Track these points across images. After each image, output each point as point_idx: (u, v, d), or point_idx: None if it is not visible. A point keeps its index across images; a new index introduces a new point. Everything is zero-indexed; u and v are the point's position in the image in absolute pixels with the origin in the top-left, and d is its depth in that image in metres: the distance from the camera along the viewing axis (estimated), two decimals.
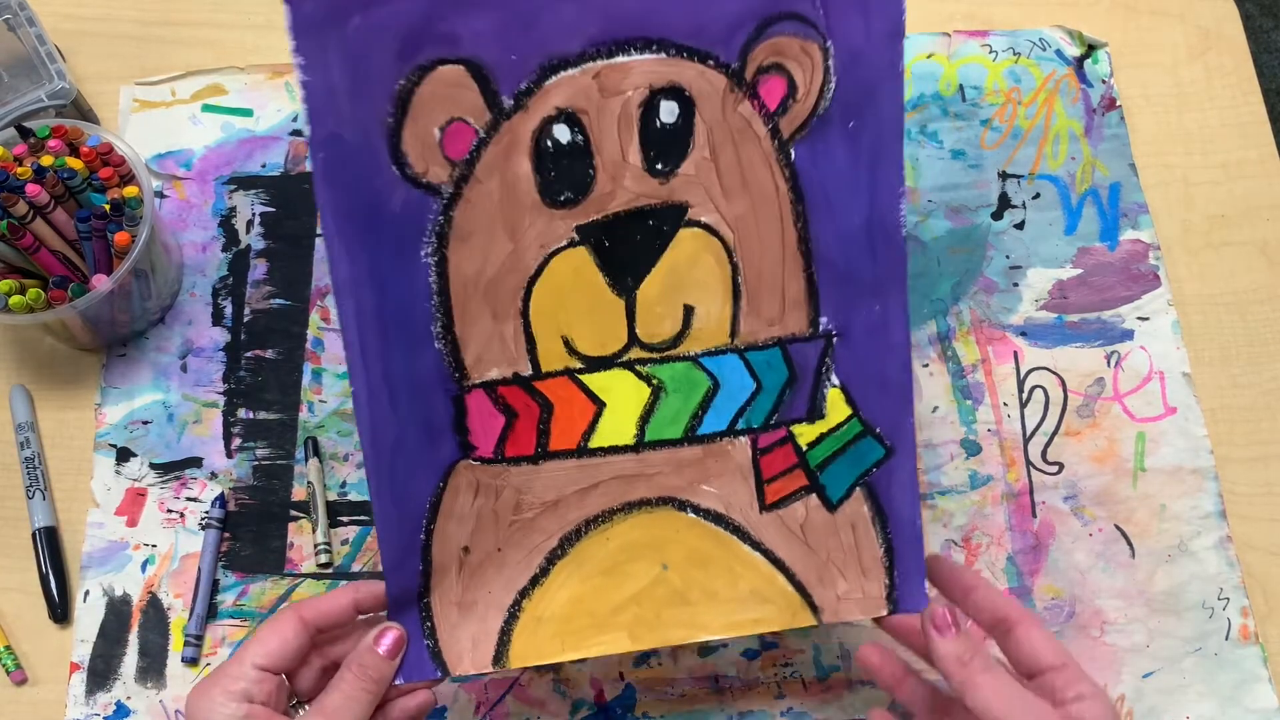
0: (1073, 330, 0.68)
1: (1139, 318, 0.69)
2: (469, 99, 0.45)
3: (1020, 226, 0.71)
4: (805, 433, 0.52)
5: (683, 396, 0.51)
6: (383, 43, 0.43)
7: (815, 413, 0.51)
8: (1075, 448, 0.66)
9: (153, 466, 0.65)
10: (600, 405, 0.50)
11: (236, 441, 0.66)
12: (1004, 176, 0.72)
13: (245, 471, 0.65)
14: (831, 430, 0.51)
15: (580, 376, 0.50)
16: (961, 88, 0.74)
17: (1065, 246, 0.70)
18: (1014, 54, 0.75)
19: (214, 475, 0.65)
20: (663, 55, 0.46)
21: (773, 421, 0.51)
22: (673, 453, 0.51)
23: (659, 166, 0.47)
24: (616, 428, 0.50)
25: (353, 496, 0.65)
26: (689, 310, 0.50)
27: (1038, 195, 0.72)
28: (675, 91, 0.46)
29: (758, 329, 0.50)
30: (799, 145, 0.48)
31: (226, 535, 0.64)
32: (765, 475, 0.52)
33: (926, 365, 0.68)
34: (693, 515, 0.51)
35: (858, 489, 0.52)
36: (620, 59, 0.45)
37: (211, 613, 0.62)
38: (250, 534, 0.64)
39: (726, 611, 0.51)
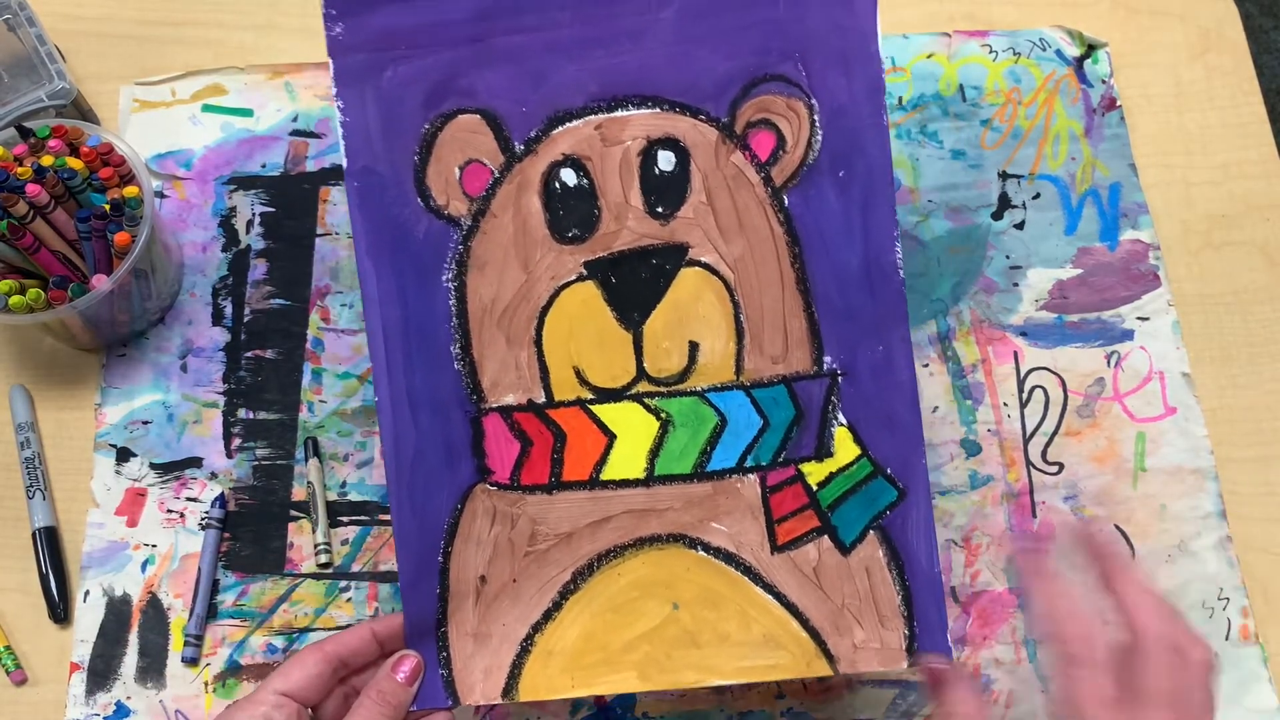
0: (1073, 330, 0.68)
1: (1139, 318, 0.69)
2: (485, 143, 0.51)
3: (1020, 226, 0.71)
4: (815, 472, 0.52)
5: (691, 431, 0.52)
6: (411, 93, 0.50)
7: (823, 451, 0.52)
8: (1075, 448, 0.66)
9: (153, 466, 0.65)
10: (611, 437, 0.52)
11: (236, 441, 0.66)
12: (1004, 176, 0.72)
13: (245, 471, 0.65)
14: (841, 470, 0.52)
15: (591, 407, 0.52)
16: (962, 88, 0.74)
17: (1065, 246, 0.70)
18: (1014, 54, 0.75)
19: (214, 475, 0.65)
20: (658, 110, 0.51)
21: (781, 459, 0.52)
22: (683, 488, 0.52)
23: (659, 209, 0.51)
24: (627, 460, 0.52)
25: (352, 497, 0.65)
26: (694, 346, 0.52)
27: (1038, 195, 0.72)
28: (671, 142, 0.51)
29: (762, 366, 0.52)
30: (791, 192, 0.52)
31: (226, 535, 0.64)
32: (776, 514, 0.52)
33: (927, 365, 0.68)
34: (703, 553, 0.52)
35: (871, 532, 0.52)
36: (619, 113, 0.51)
37: (211, 613, 0.62)
38: (250, 534, 0.64)
39: (738, 656, 0.51)
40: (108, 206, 0.62)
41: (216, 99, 0.73)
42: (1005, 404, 0.67)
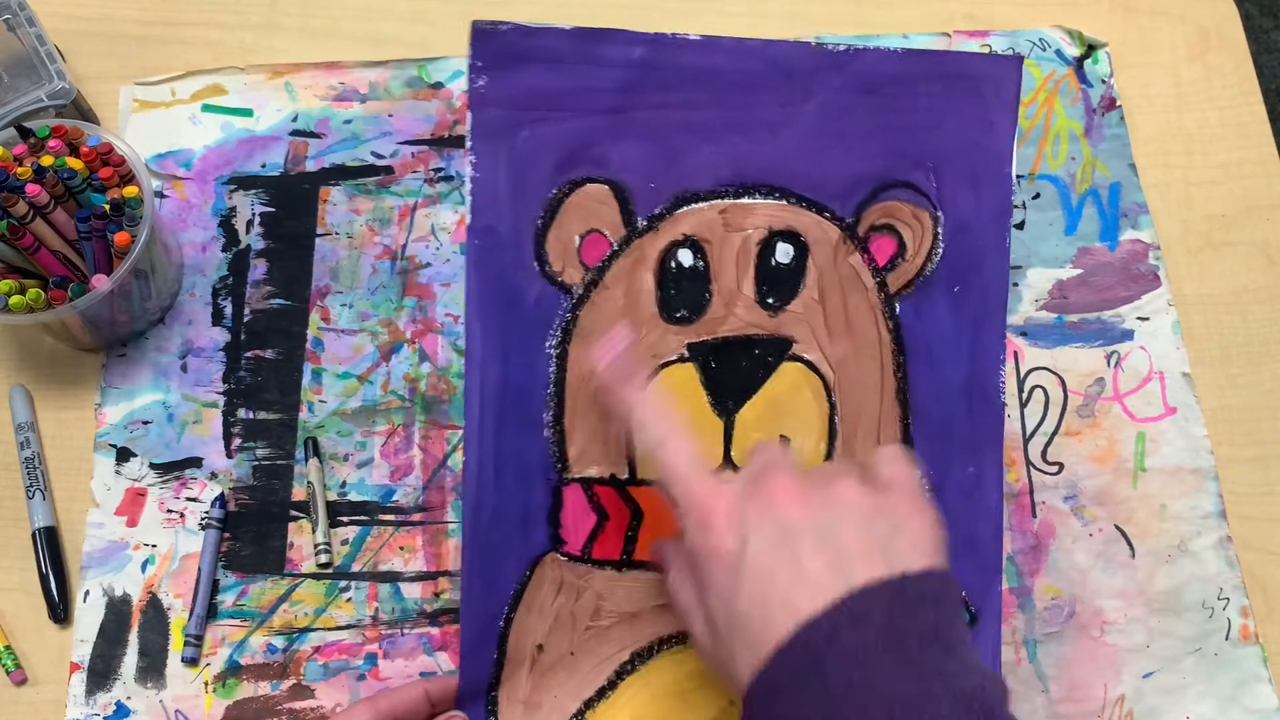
0: (1073, 330, 0.68)
1: (1139, 318, 0.69)
2: (608, 215, 0.51)
3: (1020, 226, 0.71)
4: None
5: None
6: (545, 156, 0.51)
7: None
8: (1075, 448, 0.66)
9: (153, 466, 0.65)
10: None
11: (236, 441, 0.66)
12: None
13: (245, 471, 0.65)
14: None
15: None
16: None
17: (1065, 246, 0.70)
18: (1014, 54, 0.75)
19: (214, 475, 0.65)
20: (784, 202, 0.51)
21: None
22: None
23: (770, 301, 0.51)
24: None
25: (352, 497, 0.65)
26: (785, 441, 0.51)
27: (1038, 195, 0.72)
28: (792, 235, 0.51)
29: None
30: (904, 300, 0.52)
31: (226, 535, 0.64)
32: None
33: None
34: None
35: None
36: (745, 200, 0.51)
37: (211, 613, 0.62)
38: (250, 534, 0.64)
39: None
40: (107, 206, 0.62)
41: (216, 99, 0.73)
42: (1005, 404, 0.67)
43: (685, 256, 0.51)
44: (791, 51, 0.51)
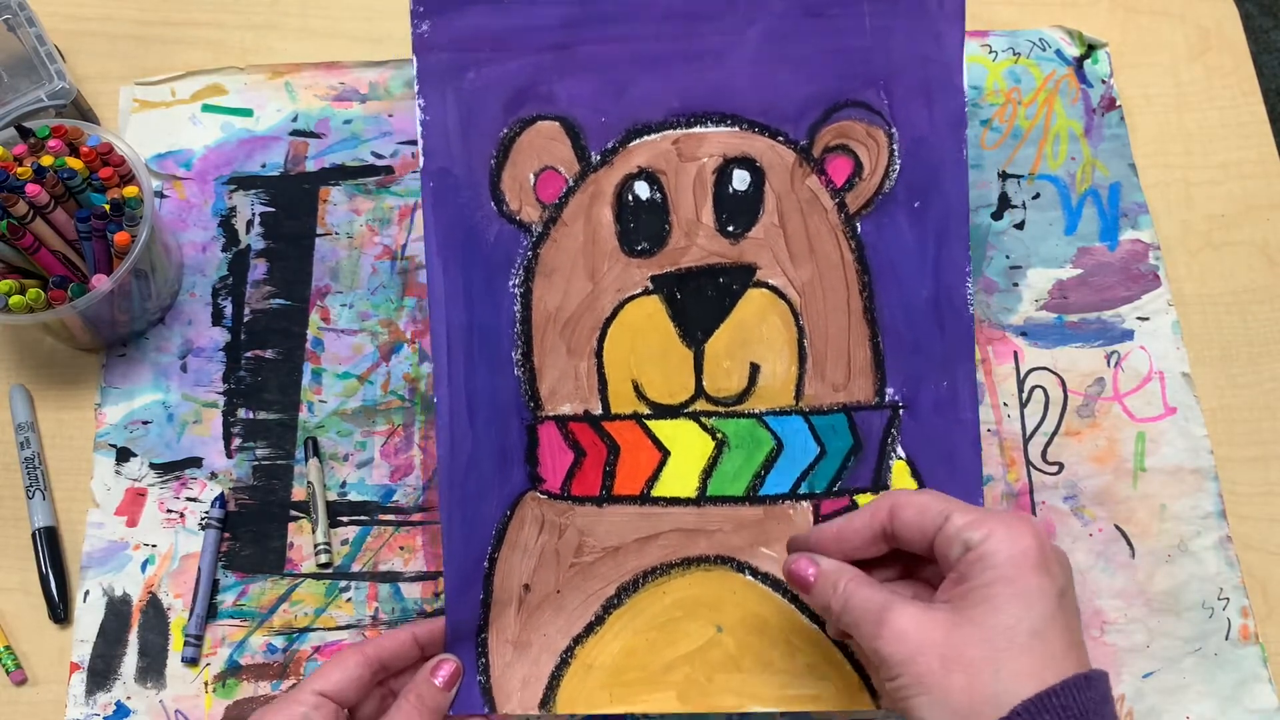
0: (1073, 330, 0.68)
1: (1139, 318, 0.69)
2: (562, 151, 0.51)
3: (1020, 226, 0.71)
4: None
5: (746, 454, 0.52)
6: (493, 96, 0.50)
7: (880, 483, 0.52)
8: (1075, 448, 0.66)
9: (153, 466, 0.65)
10: (665, 453, 0.52)
11: (236, 441, 0.66)
12: (1004, 176, 0.72)
13: (245, 471, 0.65)
14: None
15: (647, 422, 0.52)
16: None
17: (1065, 246, 0.70)
18: (1014, 54, 0.75)
19: (214, 475, 0.65)
20: (736, 129, 0.51)
21: (836, 489, 0.52)
22: (734, 511, 0.52)
23: (730, 228, 0.51)
24: (680, 478, 0.51)
25: (352, 497, 0.65)
26: (755, 368, 0.51)
27: (1038, 195, 0.72)
28: (747, 162, 0.51)
29: (823, 393, 0.52)
30: (865, 220, 0.51)
31: (226, 535, 0.64)
32: None
33: None
34: (750, 578, 0.51)
35: None
36: (698, 129, 0.51)
37: (211, 613, 0.62)
38: (250, 534, 0.64)
39: (781, 684, 0.50)
40: (107, 206, 0.62)
41: (216, 99, 0.73)
42: (1005, 404, 0.67)
43: (642, 189, 0.51)
44: None
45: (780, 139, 0.51)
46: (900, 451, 0.52)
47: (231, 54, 0.75)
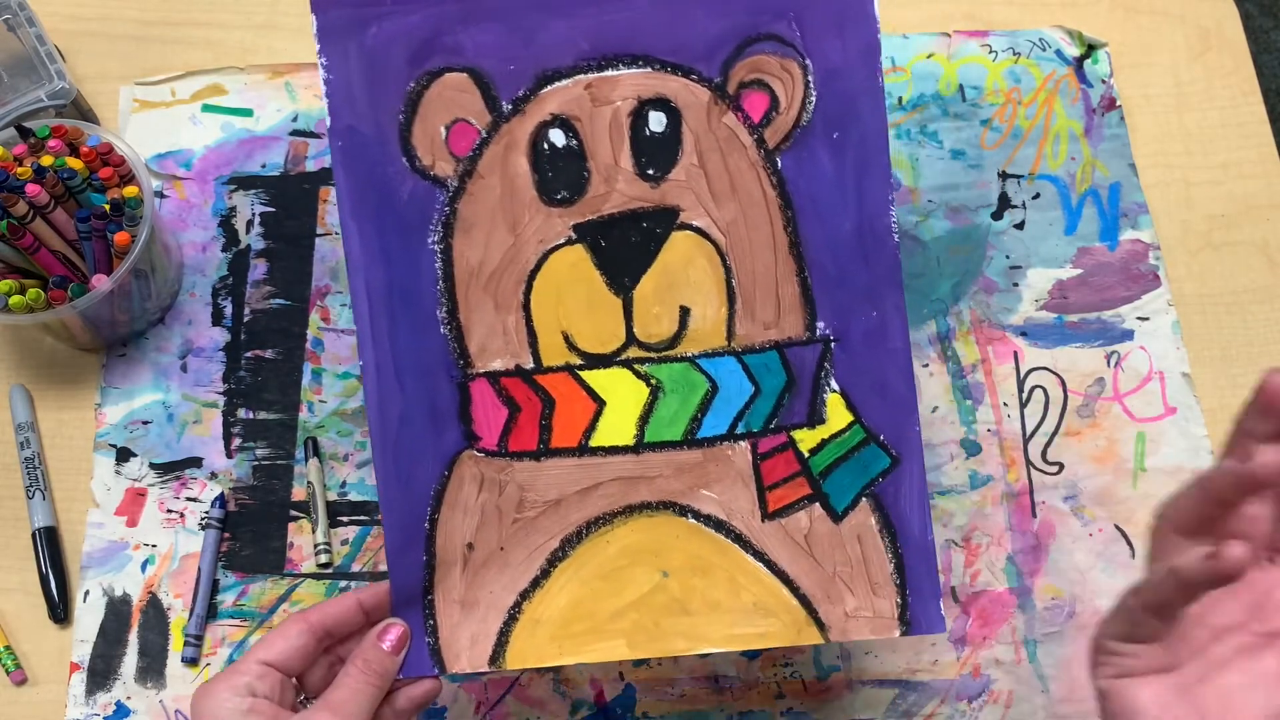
0: (1073, 330, 0.68)
1: (1139, 318, 0.69)
2: (471, 102, 0.50)
3: (1020, 226, 0.71)
4: (807, 439, 0.52)
5: (681, 398, 0.52)
6: (396, 50, 0.49)
7: (815, 418, 0.52)
8: (1075, 448, 0.66)
9: (153, 466, 0.65)
10: (600, 403, 0.51)
11: (236, 441, 0.66)
12: (1004, 176, 0.72)
13: (245, 471, 0.65)
14: (833, 436, 0.52)
15: (581, 373, 0.51)
16: (961, 88, 0.74)
17: (1065, 246, 0.70)
18: (1014, 54, 0.75)
19: (214, 475, 0.65)
20: (649, 70, 0.50)
21: (772, 426, 0.52)
22: (672, 455, 0.52)
23: (650, 172, 0.50)
24: (617, 427, 0.51)
25: (353, 496, 0.65)
26: (685, 311, 0.51)
27: (1038, 195, 0.72)
28: (662, 103, 0.50)
29: (754, 332, 0.52)
30: (785, 155, 0.51)
31: (226, 535, 0.64)
32: (766, 481, 0.52)
33: (926, 365, 0.68)
34: (693, 521, 0.52)
35: (864, 500, 0.52)
36: (609, 73, 0.50)
37: (211, 613, 0.62)
38: (250, 534, 0.64)
39: (728, 623, 0.51)
40: (107, 206, 0.62)
41: (216, 99, 0.73)
42: (1005, 404, 0.67)
43: (557, 137, 0.50)
44: None
45: (694, 77, 0.50)
46: (834, 384, 0.52)
47: (231, 54, 0.75)
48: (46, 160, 0.62)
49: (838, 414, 0.52)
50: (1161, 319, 0.69)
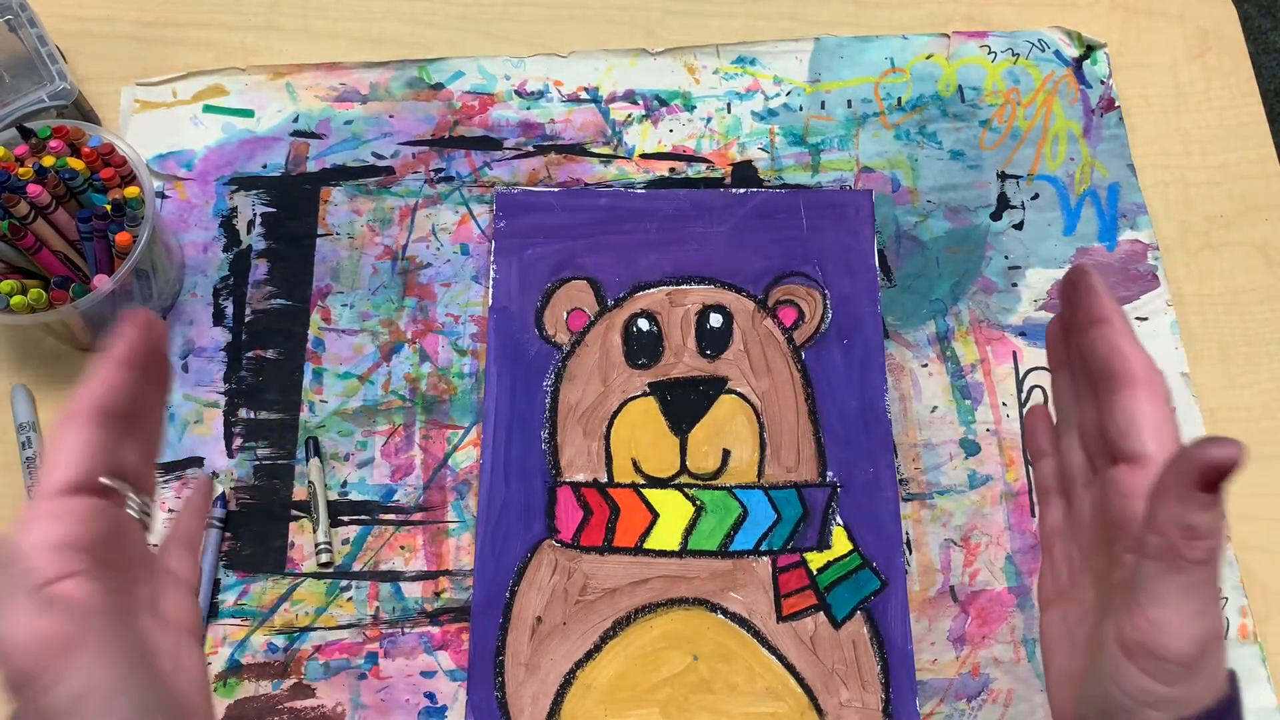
0: None
1: (1138, 318, 0.69)
2: (587, 298, 0.69)
3: (1019, 227, 0.71)
4: (816, 559, 0.64)
5: (719, 518, 0.65)
6: (542, 264, 0.70)
7: (823, 543, 0.64)
8: None
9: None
10: (655, 515, 0.65)
11: (237, 441, 0.66)
12: (1003, 177, 0.72)
13: (246, 471, 0.65)
14: (837, 560, 0.64)
15: (642, 490, 0.65)
16: (960, 88, 0.74)
17: (1064, 247, 0.70)
18: (1013, 55, 0.75)
19: (215, 475, 0.65)
20: (712, 286, 0.70)
21: (789, 546, 0.64)
22: (709, 562, 0.64)
23: (708, 353, 0.68)
24: (666, 536, 0.64)
25: (353, 496, 0.65)
26: (727, 453, 0.66)
27: (1036, 196, 0.72)
28: (720, 308, 0.69)
29: (779, 473, 0.66)
30: (808, 350, 0.68)
31: (227, 535, 0.64)
32: (782, 590, 0.63)
33: (926, 365, 0.68)
34: (722, 616, 0.63)
35: (859, 612, 0.63)
36: (685, 286, 0.70)
37: (212, 612, 0.62)
38: (251, 534, 0.64)
39: (745, 703, 0.61)
40: (109, 207, 0.62)
41: (217, 99, 0.73)
42: (1004, 404, 0.67)
43: (643, 324, 0.69)
44: (707, 195, 0.72)
45: (744, 294, 0.70)
46: (839, 519, 0.65)
47: (232, 55, 0.75)
48: (48, 161, 0.62)
49: (841, 542, 0.64)
50: (1160, 319, 0.69)
